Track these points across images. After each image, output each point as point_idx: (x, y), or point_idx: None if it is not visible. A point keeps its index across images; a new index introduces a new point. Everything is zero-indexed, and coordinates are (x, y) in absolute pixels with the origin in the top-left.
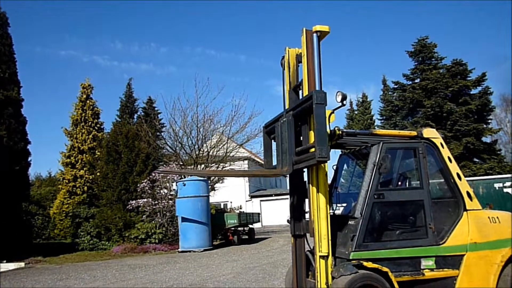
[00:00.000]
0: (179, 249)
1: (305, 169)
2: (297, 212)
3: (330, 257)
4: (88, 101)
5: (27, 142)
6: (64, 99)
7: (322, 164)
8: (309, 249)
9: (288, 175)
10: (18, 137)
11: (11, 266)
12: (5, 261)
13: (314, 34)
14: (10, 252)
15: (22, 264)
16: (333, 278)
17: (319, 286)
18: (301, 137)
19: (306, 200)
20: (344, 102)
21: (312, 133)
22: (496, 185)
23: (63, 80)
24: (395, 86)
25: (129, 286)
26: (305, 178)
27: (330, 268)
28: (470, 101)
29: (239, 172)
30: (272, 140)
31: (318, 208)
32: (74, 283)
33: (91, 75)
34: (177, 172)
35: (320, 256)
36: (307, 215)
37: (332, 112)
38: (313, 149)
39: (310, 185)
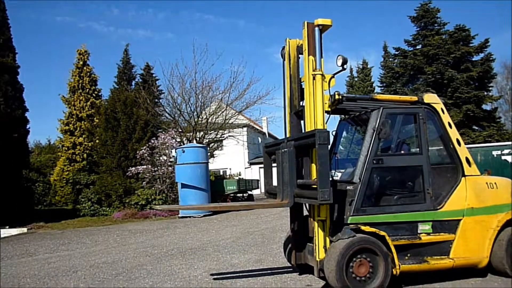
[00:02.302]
0: (179, 215)
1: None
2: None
3: (328, 221)
4: (85, 68)
5: (25, 110)
6: (61, 66)
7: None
8: (307, 214)
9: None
10: (16, 105)
11: (14, 231)
12: (7, 227)
13: (316, 28)
14: (12, 218)
15: (24, 230)
16: (331, 242)
17: (317, 250)
18: (303, 169)
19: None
20: (345, 66)
21: (313, 166)
22: (495, 153)
23: (60, 47)
24: (396, 53)
25: (130, 250)
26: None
27: (328, 232)
28: (471, 68)
29: (237, 205)
30: (273, 162)
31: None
32: (76, 247)
33: (88, 41)
34: (177, 207)
35: (318, 221)
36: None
37: (333, 77)
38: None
39: (309, 151)
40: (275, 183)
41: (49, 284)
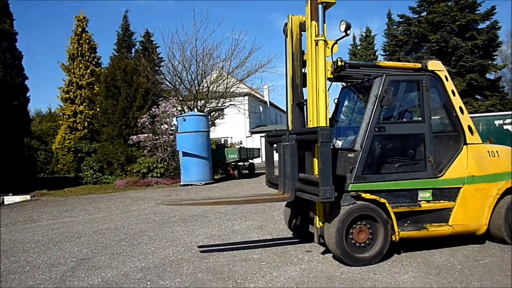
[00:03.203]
0: (181, 183)
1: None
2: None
3: None
4: (84, 35)
5: (24, 77)
6: (60, 34)
7: (322, 96)
8: None
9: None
10: (15, 72)
11: (17, 198)
12: (11, 194)
13: (320, 5)
14: (15, 185)
15: (27, 197)
16: (331, 209)
17: (317, 217)
18: (305, 161)
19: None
20: (348, 32)
21: (315, 161)
22: (497, 122)
23: (58, 14)
24: (401, 20)
25: (132, 217)
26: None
27: None
28: (476, 36)
29: (239, 199)
30: (274, 151)
31: None
32: (79, 214)
33: (86, 7)
34: (184, 203)
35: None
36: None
37: (335, 43)
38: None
39: (311, 116)
40: (276, 172)
41: (53, 250)
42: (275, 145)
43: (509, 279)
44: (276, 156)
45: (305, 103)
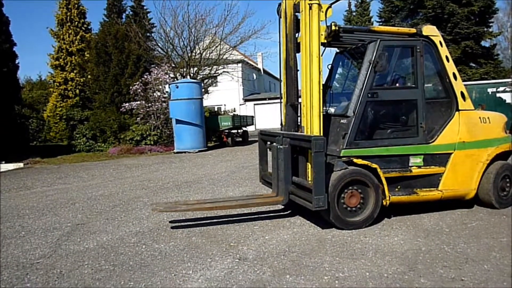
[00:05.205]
0: (174, 150)
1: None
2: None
3: None
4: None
5: (12, 44)
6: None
7: (316, 61)
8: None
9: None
10: (2, 38)
11: (10, 166)
12: (3, 162)
13: None
14: (8, 153)
15: (21, 165)
16: None
17: (309, 179)
18: (298, 164)
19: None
20: None
21: (309, 165)
22: (490, 90)
23: None
24: None
25: (126, 184)
26: None
27: None
28: (473, 2)
29: (233, 204)
30: (268, 150)
31: (311, 106)
32: (73, 181)
33: None
34: (178, 209)
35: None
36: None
37: (330, 6)
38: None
39: (304, 83)
40: (270, 169)
41: (48, 215)
42: (268, 144)
43: (495, 241)
44: (269, 155)
45: (298, 103)
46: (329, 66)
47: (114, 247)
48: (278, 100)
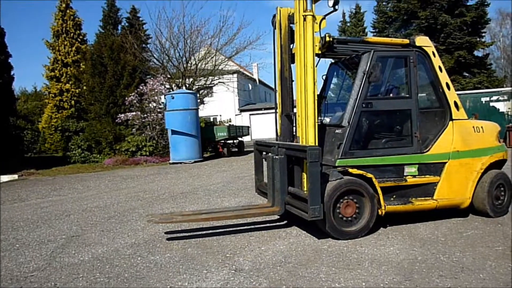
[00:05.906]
0: (170, 161)
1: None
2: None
3: None
4: (68, 11)
5: (7, 55)
6: (45, 10)
7: (310, 72)
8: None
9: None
10: None
11: (5, 178)
12: None
13: None
14: (3, 165)
15: (15, 176)
16: None
17: (305, 189)
18: (294, 174)
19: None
20: (336, 7)
21: (305, 176)
22: (483, 99)
23: None
24: None
25: (122, 195)
26: None
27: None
28: (465, 13)
29: (228, 215)
30: (263, 160)
31: (306, 116)
32: (68, 192)
33: None
34: (174, 220)
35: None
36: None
37: (324, 18)
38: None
39: (299, 93)
40: (265, 179)
41: (43, 228)
42: (263, 154)
43: (491, 250)
44: (265, 165)
45: (293, 113)
46: (324, 77)
47: (109, 259)
48: (274, 110)
